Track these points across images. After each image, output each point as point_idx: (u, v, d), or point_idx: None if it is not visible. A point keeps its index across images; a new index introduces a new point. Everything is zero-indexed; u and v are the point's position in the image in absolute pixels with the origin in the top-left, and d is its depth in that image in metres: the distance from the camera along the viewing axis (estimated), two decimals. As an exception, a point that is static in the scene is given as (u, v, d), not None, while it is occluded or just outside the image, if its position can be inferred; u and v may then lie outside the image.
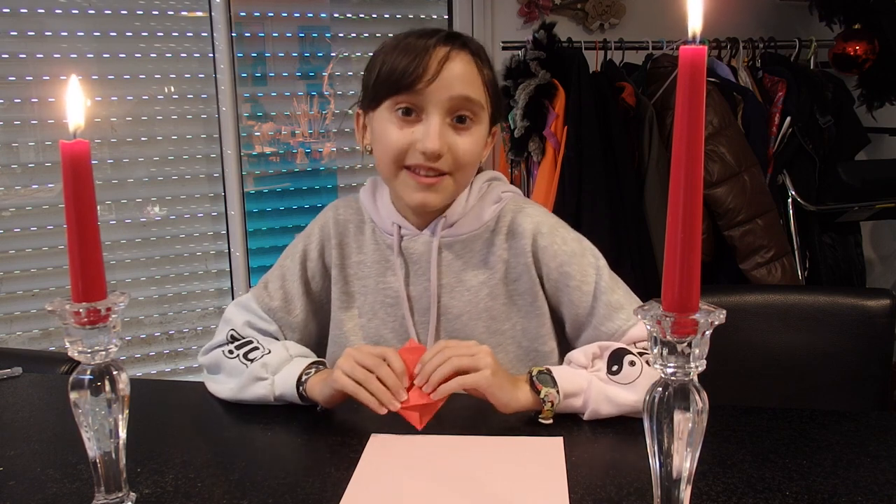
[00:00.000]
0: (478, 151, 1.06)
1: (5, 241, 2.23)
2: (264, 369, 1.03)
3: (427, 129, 1.00)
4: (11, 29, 2.17)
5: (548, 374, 0.96)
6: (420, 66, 0.99)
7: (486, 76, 1.04)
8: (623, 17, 2.70)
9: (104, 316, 0.67)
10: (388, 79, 1.01)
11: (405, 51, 1.01)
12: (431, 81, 0.99)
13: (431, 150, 1.00)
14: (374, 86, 1.04)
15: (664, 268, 0.56)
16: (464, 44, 1.03)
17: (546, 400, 0.94)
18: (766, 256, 2.24)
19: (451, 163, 1.02)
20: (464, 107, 1.02)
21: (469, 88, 1.01)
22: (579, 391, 0.96)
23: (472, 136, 1.04)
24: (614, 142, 2.19)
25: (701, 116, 0.53)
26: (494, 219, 1.11)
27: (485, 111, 1.05)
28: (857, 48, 2.53)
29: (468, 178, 1.09)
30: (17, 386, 1.15)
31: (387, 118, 1.03)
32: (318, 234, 1.16)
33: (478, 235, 1.10)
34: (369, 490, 0.80)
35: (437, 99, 1.00)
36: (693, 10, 0.53)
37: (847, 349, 1.36)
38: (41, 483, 0.83)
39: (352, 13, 2.54)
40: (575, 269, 1.06)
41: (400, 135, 1.02)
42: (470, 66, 1.02)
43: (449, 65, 1.00)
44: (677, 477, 0.60)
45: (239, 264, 2.48)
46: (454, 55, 1.01)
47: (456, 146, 1.02)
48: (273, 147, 2.52)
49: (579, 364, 0.99)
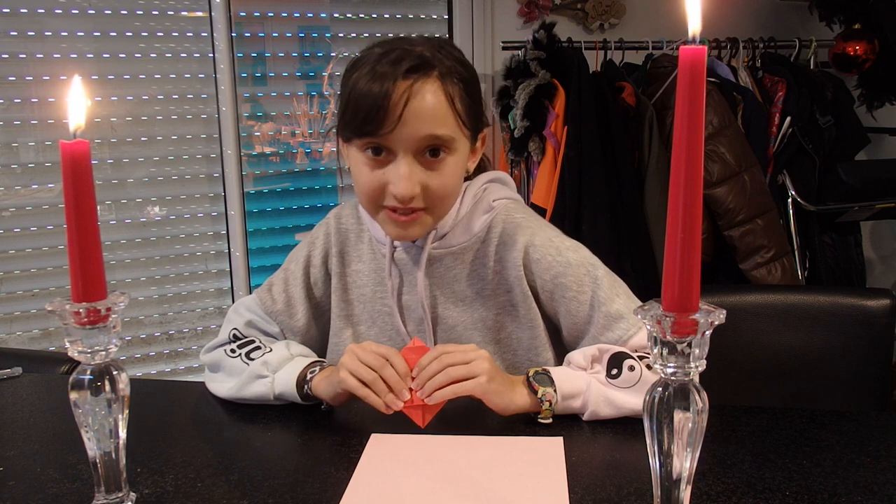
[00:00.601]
0: (455, 181, 1.03)
1: (5, 241, 2.23)
2: (265, 367, 1.03)
3: (397, 171, 0.97)
4: (11, 29, 2.17)
5: (545, 374, 0.96)
6: (382, 110, 0.94)
7: (458, 101, 0.98)
8: (623, 17, 2.70)
9: (104, 316, 0.67)
10: (354, 121, 0.97)
11: (369, 88, 0.95)
12: (395, 125, 0.94)
13: (402, 195, 0.97)
14: (343, 122, 1.00)
15: (664, 268, 0.56)
16: (428, 70, 0.96)
17: (544, 399, 0.94)
18: (766, 256, 2.25)
19: (425, 200, 1.00)
20: (433, 143, 0.97)
21: (435, 125, 0.96)
22: (578, 393, 0.96)
23: (448, 169, 1.00)
24: (614, 142, 2.19)
25: (701, 116, 0.53)
26: (485, 229, 1.09)
27: (460, 139, 1.00)
28: (857, 48, 2.52)
29: (448, 207, 1.06)
30: (17, 386, 1.15)
31: (358, 157, 1.00)
32: (322, 241, 1.16)
33: (468, 247, 1.09)
34: (369, 490, 0.80)
35: (403, 142, 0.96)
36: (692, 11, 0.53)
37: (847, 349, 1.36)
38: (41, 483, 0.83)
39: (352, 13, 2.54)
40: (570, 281, 1.04)
41: (371, 177, 0.99)
42: (437, 97, 0.96)
43: (412, 103, 0.94)
44: (677, 477, 0.60)
45: (239, 264, 2.48)
46: (417, 89, 0.95)
47: (429, 184, 0.99)
48: (273, 147, 2.52)
49: (578, 365, 0.99)
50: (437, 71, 0.97)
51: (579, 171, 2.16)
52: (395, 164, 0.98)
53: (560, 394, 0.95)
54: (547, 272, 1.05)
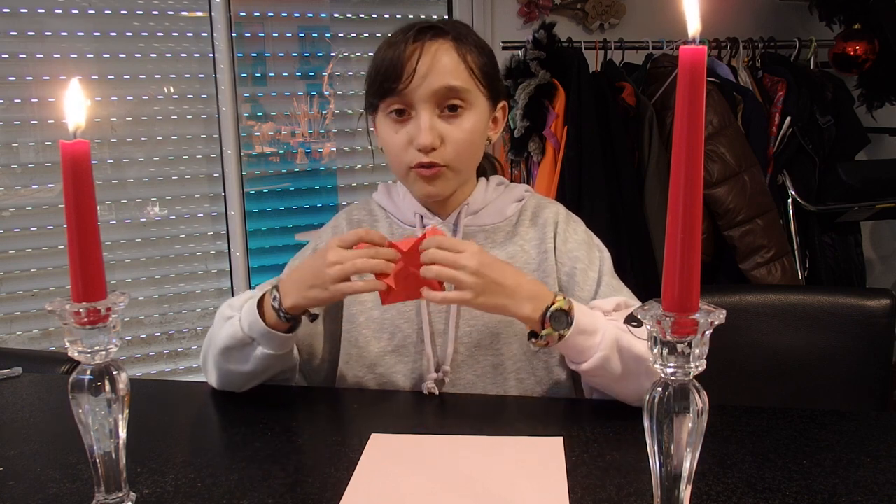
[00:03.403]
0: (475, 137, 1.07)
1: (5, 241, 2.23)
2: (230, 309, 1.05)
3: (417, 124, 1.03)
4: (11, 29, 2.17)
5: (565, 313, 0.95)
6: (396, 68, 1.01)
7: (471, 59, 1.04)
8: (623, 17, 2.70)
9: (104, 316, 0.67)
10: (373, 85, 1.05)
11: (385, 53, 1.03)
12: (409, 81, 1.01)
13: (423, 143, 1.02)
14: (367, 92, 1.08)
15: (664, 268, 0.56)
16: (437, 33, 1.03)
17: (543, 337, 0.95)
18: (766, 256, 2.24)
19: (446, 154, 1.04)
20: (450, 96, 1.03)
21: (449, 77, 1.02)
22: (595, 330, 0.95)
23: (467, 123, 1.05)
24: (614, 142, 2.19)
25: (701, 116, 0.53)
26: (517, 214, 1.15)
27: (476, 94, 1.05)
28: (857, 48, 2.52)
29: (470, 164, 1.11)
30: (17, 386, 1.15)
31: (385, 122, 1.07)
32: (331, 235, 1.17)
33: (500, 227, 1.14)
34: (369, 490, 0.80)
35: (419, 95, 1.02)
36: (692, 11, 0.53)
37: (847, 349, 1.36)
38: (41, 483, 0.83)
39: (352, 13, 2.54)
40: (583, 254, 1.11)
41: (397, 137, 1.05)
42: (448, 55, 1.03)
43: (424, 59, 1.01)
44: (677, 477, 0.60)
45: (239, 264, 2.48)
46: (430, 46, 1.02)
47: (449, 136, 1.04)
48: (273, 147, 2.52)
49: (602, 309, 1.01)
50: (451, 35, 1.04)
51: (579, 171, 2.16)
52: (414, 119, 1.04)
53: (577, 326, 0.95)
54: (564, 244, 1.11)
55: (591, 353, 0.95)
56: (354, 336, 1.12)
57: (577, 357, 0.97)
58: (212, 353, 1.06)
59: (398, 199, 1.16)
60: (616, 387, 0.98)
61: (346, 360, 1.13)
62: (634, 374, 0.96)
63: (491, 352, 1.09)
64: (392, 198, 1.17)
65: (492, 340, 1.08)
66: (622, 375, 0.96)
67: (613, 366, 0.95)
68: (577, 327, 0.95)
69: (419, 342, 1.09)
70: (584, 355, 0.96)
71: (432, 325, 1.10)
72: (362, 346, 1.11)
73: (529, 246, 1.12)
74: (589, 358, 0.96)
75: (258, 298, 1.02)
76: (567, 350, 0.97)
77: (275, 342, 1.01)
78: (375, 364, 1.10)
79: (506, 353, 1.08)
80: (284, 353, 1.04)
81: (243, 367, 1.03)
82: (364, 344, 1.11)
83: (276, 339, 1.00)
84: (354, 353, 1.12)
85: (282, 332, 1.01)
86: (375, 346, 1.11)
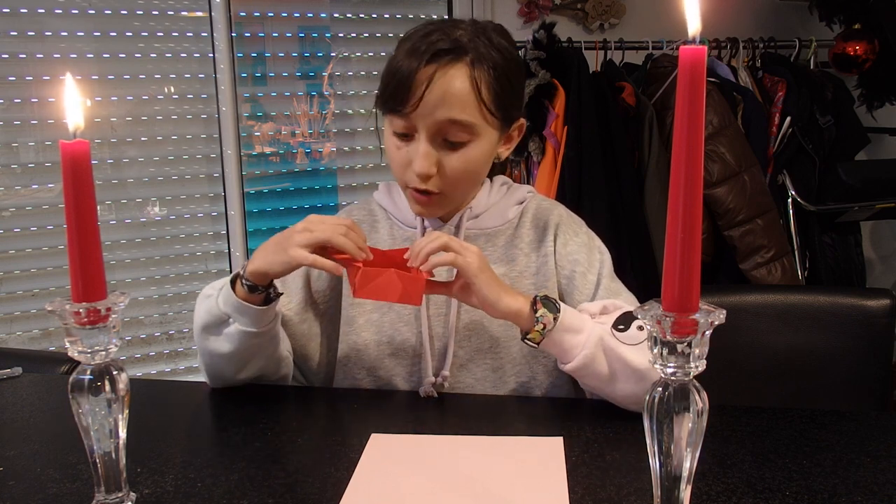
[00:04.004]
0: (476, 167, 1.05)
1: (5, 241, 2.23)
2: (211, 289, 1.05)
3: (417, 149, 1.01)
4: (11, 29, 2.17)
5: (553, 302, 0.96)
6: (405, 89, 0.98)
7: (485, 88, 0.99)
8: (623, 17, 2.70)
9: (104, 316, 0.66)
10: (383, 94, 1.03)
11: (400, 65, 0.99)
12: (416, 106, 0.98)
13: (417, 172, 1.01)
14: (378, 94, 1.05)
15: (664, 268, 0.56)
16: (455, 57, 0.98)
17: (540, 320, 0.94)
18: (766, 256, 2.25)
19: (441, 183, 1.03)
20: (450, 129, 1.00)
21: (456, 111, 0.98)
22: (580, 329, 0.96)
23: (470, 153, 1.02)
24: (614, 142, 2.19)
25: (701, 116, 0.53)
26: (518, 216, 1.14)
27: (483, 126, 1.02)
28: (857, 48, 2.52)
29: (467, 191, 1.11)
30: (17, 386, 1.14)
31: (389, 134, 1.05)
32: None
33: (501, 231, 1.13)
34: (369, 490, 0.80)
35: (423, 123, 1.00)
36: (691, 11, 0.53)
37: (847, 349, 1.36)
38: (41, 483, 0.83)
39: (352, 13, 2.54)
40: (583, 257, 1.10)
41: (397, 154, 1.04)
42: (462, 82, 0.98)
43: (434, 87, 0.97)
44: (677, 477, 0.60)
45: (239, 264, 2.46)
46: (443, 73, 0.98)
47: (447, 165, 1.02)
48: (273, 147, 2.52)
49: (589, 312, 1.01)
50: (470, 56, 0.99)
51: (579, 171, 2.16)
52: (414, 143, 1.02)
53: (562, 323, 0.95)
54: (564, 247, 1.11)
55: (577, 352, 0.95)
56: (353, 338, 1.12)
57: (563, 356, 0.98)
58: (195, 336, 1.06)
59: (399, 200, 1.16)
60: (607, 389, 0.98)
61: (345, 363, 1.12)
62: (622, 376, 0.95)
63: (490, 356, 1.08)
64: (393, 197, 1.17)
65: (491, 344, 1.08)
66: (609, 377, 0.96)
67: (599, 366, 0.95)
68: (563, 325, 0.95)
69: (418, 346, 1.09)
70: (569, 354, 0.96)
71: (432, 328, 1.09)
72: (361, 348, 1.11)
73: (529, 249, 1.12)
74: (574, 357, 0.96)
75: (234, 274, 1.02)
76: (553, 347, 0.97)
77: (249, 316, 0.99)
78: (374, 367, 1.10)
79: (505, 356, 1.08)
80: (261, 332, 1.01)
81: (223, 347, 1.02)
82: (363, 346, 1.11)
83: (250, 313, 0.99)
84: (353, 355, 1.11)
85: (255, 304, 0.99)
86: (374, 349, 1.10)
